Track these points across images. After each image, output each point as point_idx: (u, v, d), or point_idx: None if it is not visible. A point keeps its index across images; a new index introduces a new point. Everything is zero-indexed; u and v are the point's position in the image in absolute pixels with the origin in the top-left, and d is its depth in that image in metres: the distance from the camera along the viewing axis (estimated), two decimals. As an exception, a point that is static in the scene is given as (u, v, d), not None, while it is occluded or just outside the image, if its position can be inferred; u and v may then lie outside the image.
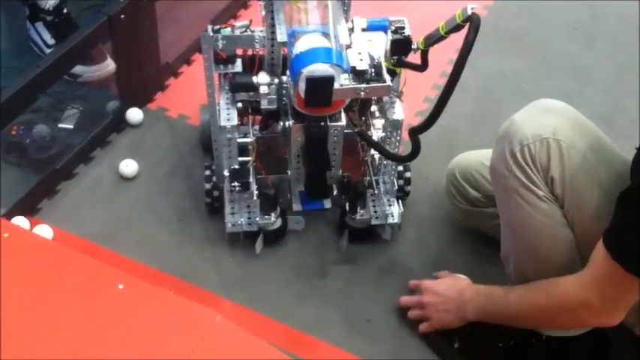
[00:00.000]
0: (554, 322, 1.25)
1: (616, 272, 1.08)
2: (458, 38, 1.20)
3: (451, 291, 1.37)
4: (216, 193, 1.56)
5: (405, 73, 1.45)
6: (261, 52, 1.52)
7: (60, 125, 1.76)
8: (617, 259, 1.07)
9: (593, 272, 1.13)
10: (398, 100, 1.48)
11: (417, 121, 1.29)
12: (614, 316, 1.15)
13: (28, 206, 1.59)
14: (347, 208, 1.53)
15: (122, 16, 1.67)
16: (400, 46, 1.39)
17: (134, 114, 1.80)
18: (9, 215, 1.51)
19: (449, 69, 1.16)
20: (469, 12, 1.20)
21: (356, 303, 1.47)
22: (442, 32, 1.29)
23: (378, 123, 1.51)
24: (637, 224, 1.05)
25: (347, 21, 1.43)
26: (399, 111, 1.46)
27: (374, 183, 1.58)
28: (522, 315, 1.26)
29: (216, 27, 1.47)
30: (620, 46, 2.12)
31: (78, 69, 1.80)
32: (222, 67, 1.50)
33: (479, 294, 1.33)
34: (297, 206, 1.58)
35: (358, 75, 1.31)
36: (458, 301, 1.35)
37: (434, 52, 1.36)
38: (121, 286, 1.15)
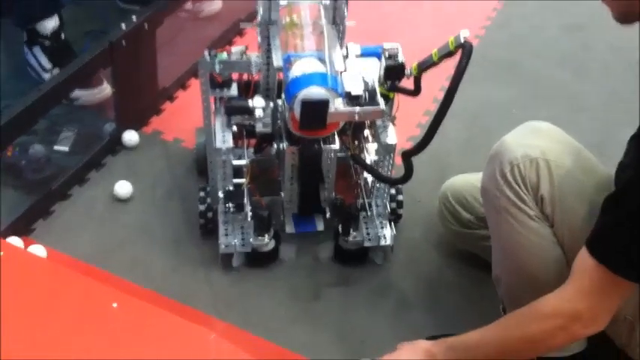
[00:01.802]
0: (548, 346, 1.22)
1: (603, 277, 1.08)
2: (450, 65, 1.22)
3: (416, 355, 1.24)
4: (210, 215, 1.57)
5: (398, 98, 1.48)
6: (256, 77, 1.54)
7: (55, 147, 1.78)
8: (604, 262, 1.07)
9: (579, 283, 1.12)
10: (391, 124, 1.50)
11: (409, 146, 1.31)
12: (602, 322, 1.14)
13: (23, 227, 1.59)
14: (340, 230, 1.55)
15: (124, 42, 1.69)
16: (393, 72, 1.42)
17: (130, 136, 1.82)
18: (3, 235, 1.52)
19: (441, 95, 1.19)
20: (462, 39, 1.23)
21: (349, 324, 1.48)
22: (435, 58, 1.32)
23: (371, 147, 1.53)
24: (624, 226, 1.06)
25: (342, 47, 1.45)
26: (391, 135, 1.48)
27: (367, 206, 1.60)
28: (510, 350, 1.20)
29: (213, 52, 1.50)
30: (610, 75, 2.16)
31: (75, 92, 1.82)
32: (218, 90, 1.52)
33: (453, 347, 1.22)
34: (290, 228, 1.59)
35: (352, 99, 1.34)
36: None
37: (427, 78, 1.39)
38: (115, 305, 1.15)
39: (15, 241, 1.52)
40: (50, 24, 1.88)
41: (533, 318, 1.16)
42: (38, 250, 1.53)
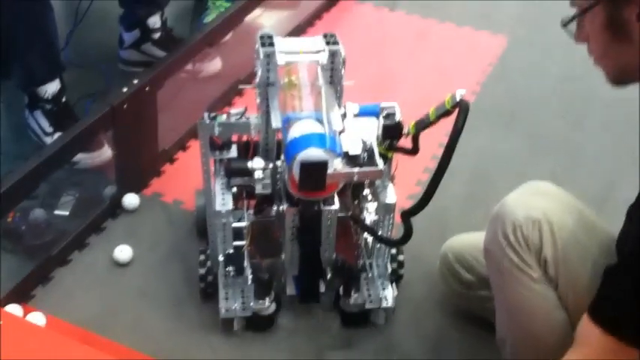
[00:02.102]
0: None
1: (606, 345, 1.06)
2: (449, 121, 1.23)
3: None
4: (210, 278, 1.56)
5: (397, 157, 1.48)
6: (255, 138, 1.55)
7: (56, 212, 1.77)
8: (608, 329, 1.05)
9: (583, 352, 1.09)
10: (390, 183, 1.50)
11: (409, 204, 1.30)
12: None
13: (22, 293, 1.58)
14: (341, 292, 1.53)
15: (125, 105, 1.71)
16: (391, 131, 1.43)
17: (130, 200, 1.81)
18: (3, 302, 1.50)
19: (440, 152, 1.19)
20: (458, 98, 1.24)
21: (353, 387, 1.46)
22: (432, 118, 1.32)
23: (371, 206, 1.52)
24: (627, 295, 1.05)
25: (340, 107, 1.46)
26: (391, 194, 1.48)
27: (367, 266, 1.59)
28: None
29: (213, 114, 1.51)
30: (609, 127, 2.16)
31: (76, 156, 1.83)
32: (217, 152, 1.52)
33: None
34: (290, 290, 1.58)
35: (351, 159, 1.34)
36: None
37: (425, 135, 1.39)
38: (114, 374, 1.14)
39: (14, 308, 1.51)
40: (52, 88, 1.89)
41: None
42: (37, 317, 1.51)
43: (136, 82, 1.75)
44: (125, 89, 1.73)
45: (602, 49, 1.11)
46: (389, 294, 1.54)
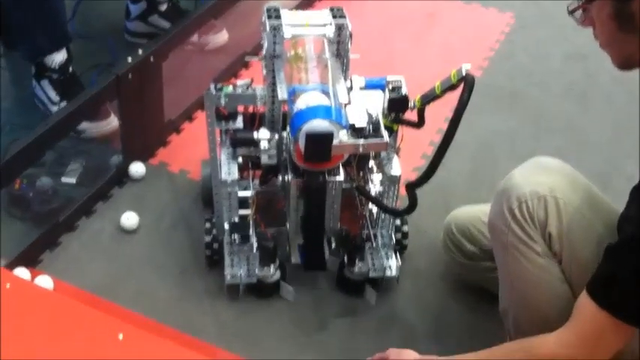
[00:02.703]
0: None
1: (604, 323, 1.08)
2: (454, 95, 1.23)
3: None
4: (215, 246, 1.58)
5: (402, 130, 1.49)
6: (261, 110, 1.56)
7: (63, 179, 1.79)
8: (606, 307, 1.08)
9: (579, 327, 1.12)
10: (395, 155, 1.51)
11: (414, 177, 1.32)
12: None
13: (30, 258, 1.60)
14: (345, 261, 1.55)
15: (130, 75, 1.72)
16: (397, 104, 1.44)
17: (136, 168, 1.83)
18: (11, 266, 1.53)
19: (445, 126, 1.20)
20: (464, 72, 1.24)
21: (355, 355, 1.47)
22: (438, 91, 1.33)
23: (376, 178, 1.54)
24: (627, 274, 1.07)
25: (346, 80, 1.47)
26: (396, 167, 1.50)
27: (372, 236, 1.60)
28: None
29: (219, 85, 1.52)
30: (615, 106, 2.17)
31: (82, 125, 1.84)
32: (223, 123, 1.54)
33: None
34: (295, 259, 1.60)
35: (357, 131, 1.35)
36: None
37: (431, 109, 1.40)
38: (120, 336, 1.16)
39: (22, 272, 1.53)
40: (58, 57, 1.90)
41: (530, 357, 1.16)
42: (45, 281, 1.53)
43: (140, 52, 1.76)
44: (130, 59, 1.74)
45: (608, 38, 1.14)
46: (393, 263, 1.56)
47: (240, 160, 1.52)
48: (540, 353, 1.15)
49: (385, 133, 1.37)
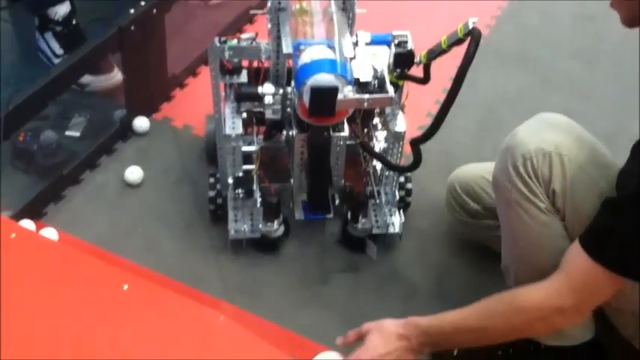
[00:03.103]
0: (526, 334, 1.25)
1: (595, 274, 1.10)
2: (461, 54, 1.22)
3: (391, 343, 1.25)
4: (219, 201, 1.58)
5: (408, 87, 1.48)
6: (266, 64, 1.55)
7: (67, 133, 1.79)
8: (599, 259, 1.09)
9: (569, 277, 1.13)
10: (400, 112, 1.50)
11: (419, 135, 1.31)
12: (584, 316, 1.17)
13: (35, 210, 1.61)
14: (349, 217, 1.56)
15: (132, 27, 1.70)
16: (403, 59, 1.42)
17: (140, 123, 1.83)
18: (15, 218, 1.53)
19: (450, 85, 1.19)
20: (470, 26, 1.23)
21: (357, 310, 1.49)
22: (444, 46, 1.32)
23: (381, 135, 1.53)
24: (621, 227, 1.08)
25: (351, 35, 1.46)
26: (401, 123, 1.49)
27: (375, 193, 1.61)
28: (489, 334, 1.21)
29: (223, 38, 1.50)
30: (622, 66, 2.15)
31: (86, 78, 1.83)
32: (228, 77, 1.53)
33: (427, 332, 1.23)
34: (299, 215, 1.60)
35: (361, 86, 1.35)
36: (405, 345, 1.24)
37: (436, 68, 1.39)
38: (125, 287, 1.17)
39: (27, 224, 1.54)
40: (62, 9, 1.88)
41: (517, 309, 1.18)
42: (50, 232, 1.54)
43: (143, 4, 1.74)
44: (132, 11, 1.72)
45: None
46: (396, 220, 1.57)
47: (244, 115, 1.51)
48: (529, 304, 1.17)
49: (391, 89, 1.36)
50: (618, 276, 1.10)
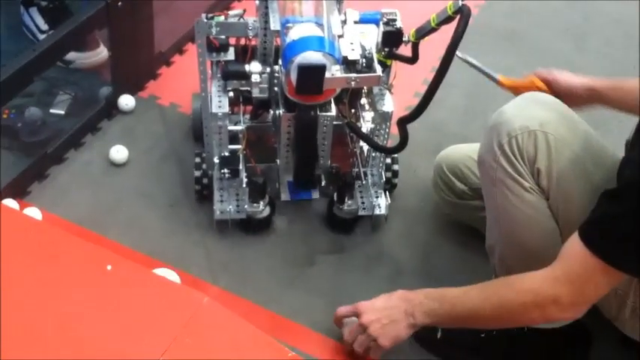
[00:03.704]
0: (521, 319, 1.23)
1: (594, 267, 1.08)
2: (450, 34, 1.20)
3: (392, 301, 1.29)
4: (205, 181, 1.57)
5: (396, 67, 1.47)
6: (253, 42, 1.53)
7: (51, 110, 1.77)
8: (599, 253, 1.07)
9: (567, 267, 1.12)
10: (388, 92, 1.49)
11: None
12: (580, 311, 1.15)
13: (18, 189, 1.59)
14: (335, 198, 1.55)
15: (120, 3, 1.67)
16: (391, 38, 1.41)
17: (126, 101, 1.81)
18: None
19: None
20: (460, 4, 1.22)
21: (343, 291, 1.49)
22: (433, 24, 1.31)
23: (368, 115, 1.52)
24: (623, 221, 1.05)
25: (340, 13, 1.44)
26: (388, 103, 1.48)
27: (362, 174, 1.60)
28: (484, 314, 1.21)
29: (210, 15, 1.48)
30: (612, 46, 2.15)
31: (71, 55, 1.81)
32: (214, 54, 1.51)
33: (429, 296, 1.26)
34: (285, 196, 1.59)
35: (349, 65, 1.34)
36: (404, 306, 1.27)
37: (425, 48, 1.38)
38: (109, 267, 1.16)
39: (10, 202, 1.52)
40: (47, -16, 1.86)
41: (515, 289, 1.18)
42: (33, 212, 1.53)
43: (131, -21, 1.72)
44: (120, -14, 1.70)
45: None
46: (382, 202, 1.56)
47: (231, 93, 1.50)
48: (526, 286, 1.16)
49: (378, 68, 1.35)
50: (614, 269, 1.08)
